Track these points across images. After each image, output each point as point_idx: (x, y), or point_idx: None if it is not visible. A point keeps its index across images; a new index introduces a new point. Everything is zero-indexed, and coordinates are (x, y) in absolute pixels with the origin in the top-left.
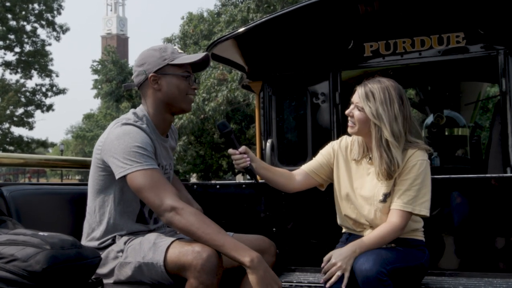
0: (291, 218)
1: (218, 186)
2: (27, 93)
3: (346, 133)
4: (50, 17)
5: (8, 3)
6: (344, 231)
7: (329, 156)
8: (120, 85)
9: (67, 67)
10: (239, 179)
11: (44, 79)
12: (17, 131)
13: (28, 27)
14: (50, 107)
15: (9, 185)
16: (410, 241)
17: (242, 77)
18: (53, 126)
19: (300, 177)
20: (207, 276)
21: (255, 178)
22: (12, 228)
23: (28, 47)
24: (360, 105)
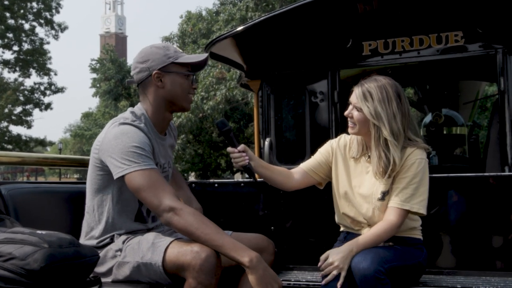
0: (289, 216)
1: (216, 185)
2: (25, 91)
3: (344, 131)
4: (48, 15)
5: (6, 1)
6: (342, 230)
7: (328, 155)
8: (118, 83)
9: (65, 65)
10: (238, 178)
11: (42, 77)
12: (15, 129)
13: (27, 26)
14: (48, 106)
15: (7, 183)
16: (408, 239)
17: (241, 75)
18: (51, 124)
19: (298, 175)
20: (205, 276)
21: (253, 177)
22: (10, 227)
23: (26, 46)
24: (358, 105)
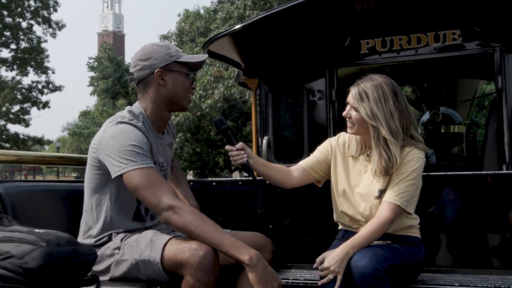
0: (287, 215)
1: (214, 183)
2: (23, 90)
3: (342, 130)
4: (46, 13)
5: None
6: (340, 228)
7: (327, 153)
8: (116, 82)
9: (63, 64)
10: (236, 176)
11: (40, 76)
12: (13, 128)
13: (24, 24)
14: (46, 104)
15: (5, 182)
16: (406, 238)
17: (239, 74)
18: (49, 123)
19: (297, 173)
20: (203, 274)
21: (252, 175)
22: (8, 225)
23: (24, 44)
24: (355, 105)
